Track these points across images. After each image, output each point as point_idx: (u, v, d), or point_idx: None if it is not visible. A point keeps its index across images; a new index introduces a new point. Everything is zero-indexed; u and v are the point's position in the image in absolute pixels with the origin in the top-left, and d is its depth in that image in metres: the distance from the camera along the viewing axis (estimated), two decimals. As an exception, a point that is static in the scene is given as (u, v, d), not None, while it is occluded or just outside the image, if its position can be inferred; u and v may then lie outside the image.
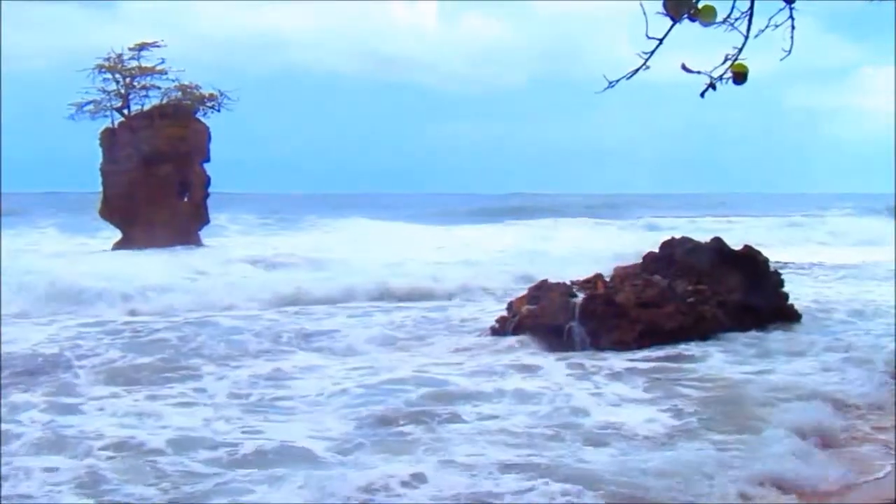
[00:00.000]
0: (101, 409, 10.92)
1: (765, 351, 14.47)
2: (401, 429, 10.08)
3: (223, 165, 37.23)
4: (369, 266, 25.39)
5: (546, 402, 11.22)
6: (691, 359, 13.96)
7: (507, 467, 8.58)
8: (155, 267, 24.31)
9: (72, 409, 10.93)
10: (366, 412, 10.75)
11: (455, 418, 10.49)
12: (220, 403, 11.36)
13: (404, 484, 8.08)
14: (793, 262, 28.26)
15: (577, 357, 14.09)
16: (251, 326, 16.92)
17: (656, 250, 17.80)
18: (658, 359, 13.97)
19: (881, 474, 8.59)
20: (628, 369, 13.27)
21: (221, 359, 14.13)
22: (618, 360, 13.81)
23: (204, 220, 35.17)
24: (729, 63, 3.38)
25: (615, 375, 12.86)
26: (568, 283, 16.42)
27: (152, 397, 11.67)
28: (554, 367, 13.33)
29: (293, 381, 12.68)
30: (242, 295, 20.32)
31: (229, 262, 27.34)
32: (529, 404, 11.13)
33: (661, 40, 3.36)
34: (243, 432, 9.97)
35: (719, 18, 3.35)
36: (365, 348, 15.20)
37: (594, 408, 10.94)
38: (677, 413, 10.74)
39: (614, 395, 11.70)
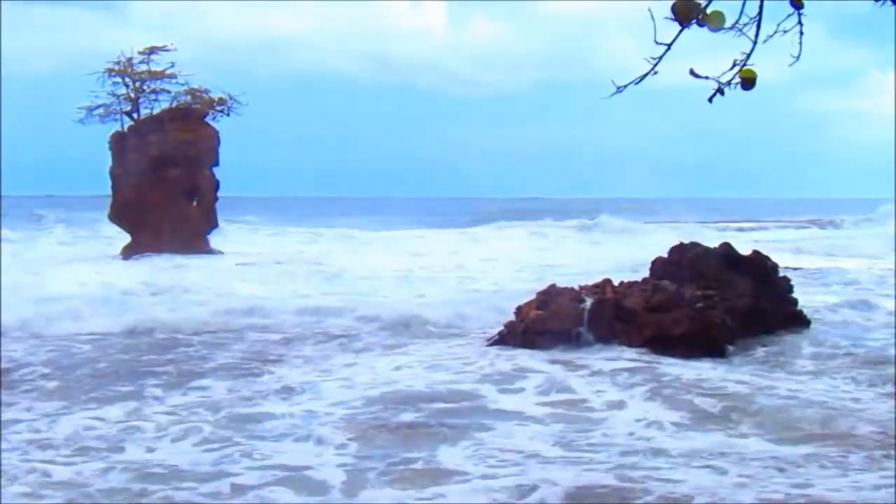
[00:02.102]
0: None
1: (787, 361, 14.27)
2: (430, 450, 9.49)
3: (232, 169, 37.31)
4: (376, 275, 25.31)
5: (584, 419, 10.78)
6: (699, 369, 13.92)
7: None
8: (145, 279, 23.98)
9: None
10: (379, 428, 10.34)
11: (488, 435, 10.06)
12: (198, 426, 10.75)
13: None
14: (802, 268, 28.15)
15: (595, 363, 13.94)
16: (230, 342, 16.50)
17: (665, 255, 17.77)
18: (671, 366, 13.92)
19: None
20: (651, 379, 13.05)
21: (203, 374, 13.68)
22: (630, 366, 13.79)
23: (213, 224, 35.25)
24: (737, 68, 3.37)
25: (639, 386, 12.60)
26: (576, 287, 16.40)
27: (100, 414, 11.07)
28: (573, 376, 13.09)
29: (297, 395, 12.43)
30: (236, 308, 19.39)
31: (229, 271, 27.08)
32: (569, 421, 10.70)
33: (669, 45, 3.35)
34: (240, 454, 9.42)
35: (728, 24, 3.34)
36: (370, 358, 15.08)
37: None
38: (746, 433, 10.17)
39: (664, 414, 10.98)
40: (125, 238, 34.26)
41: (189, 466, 9.03)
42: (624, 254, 29.98)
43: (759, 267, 17.55)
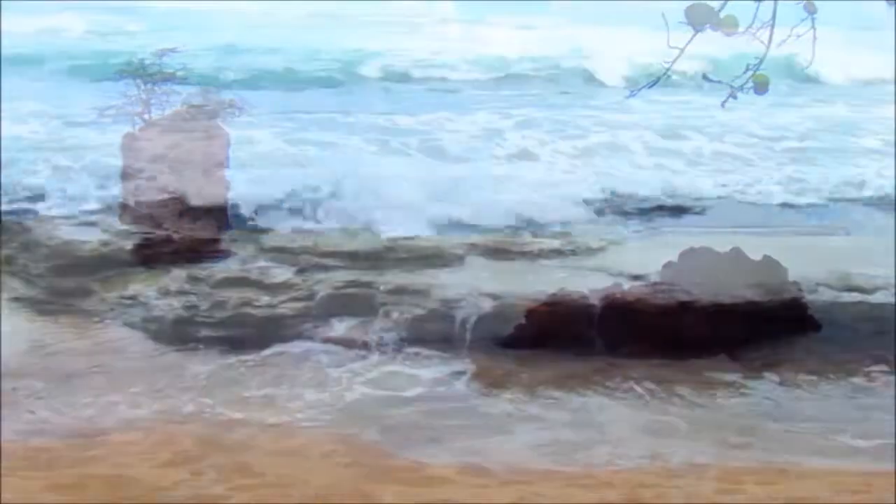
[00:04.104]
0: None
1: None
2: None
3: (243, 171, 37.26)
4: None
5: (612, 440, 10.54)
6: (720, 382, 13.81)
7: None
8: (150, 282, 23.49)
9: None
10: (370, 432, 10.29)
11: (481, 440, 10.00)
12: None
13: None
14: (811, 272, 28.01)
15: (602, 367, 13.84)
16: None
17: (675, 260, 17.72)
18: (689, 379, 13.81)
19: None
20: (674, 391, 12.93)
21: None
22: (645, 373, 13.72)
23: (223, 226, 35.27)
24: (750, 73, 3.37)
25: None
26: (585, 291, 16.34)
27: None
28: (578, 380, 13.00)
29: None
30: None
31: (237, 274, 26.75)
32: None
33: (682, 49, 3.36)
34: (229, 465, 9.23)
35: (741, 28, 3.34)
36: (367, 360, 14.75)
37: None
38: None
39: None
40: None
41: (158, 480, 8.80)
42: (632, 257, 29.78)
43: (770, 272, 17.48)
